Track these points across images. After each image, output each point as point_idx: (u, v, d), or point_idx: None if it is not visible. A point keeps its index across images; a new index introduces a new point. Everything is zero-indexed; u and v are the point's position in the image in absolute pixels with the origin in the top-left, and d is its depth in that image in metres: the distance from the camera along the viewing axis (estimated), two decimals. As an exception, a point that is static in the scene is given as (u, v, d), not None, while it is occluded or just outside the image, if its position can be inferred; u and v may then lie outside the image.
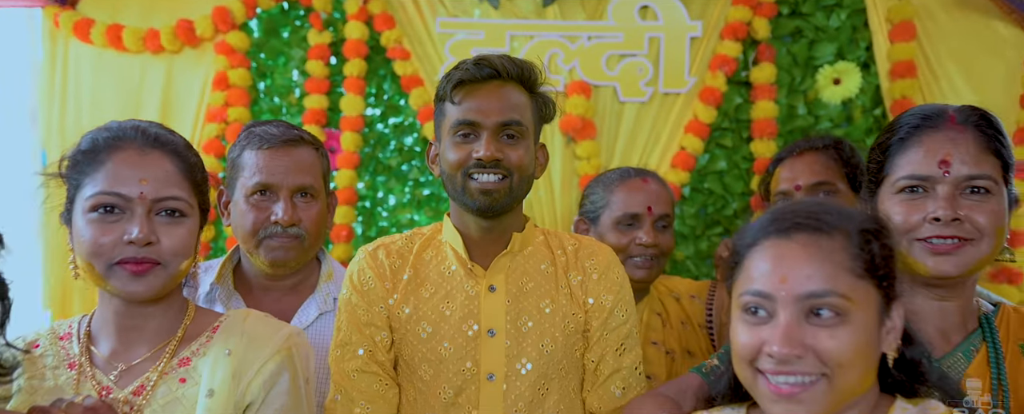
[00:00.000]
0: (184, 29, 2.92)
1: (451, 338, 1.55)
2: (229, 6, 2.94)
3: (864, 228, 1.12)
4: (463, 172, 1.57)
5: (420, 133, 3.02)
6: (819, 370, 1.06)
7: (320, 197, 1.88)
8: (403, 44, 3.03)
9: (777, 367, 1.07)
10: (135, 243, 1.26)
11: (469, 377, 1.55)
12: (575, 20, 2.98)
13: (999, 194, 1.38)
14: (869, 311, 1.09)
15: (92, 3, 2.94)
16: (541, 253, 1.64)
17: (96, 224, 1.28)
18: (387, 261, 1.63)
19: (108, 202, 1.28)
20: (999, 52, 2.77)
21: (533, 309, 1.58)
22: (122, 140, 1.33)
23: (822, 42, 2.92)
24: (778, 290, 1.09)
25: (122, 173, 1.29)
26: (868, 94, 2.87)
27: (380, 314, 1.58)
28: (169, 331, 1.37)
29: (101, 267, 1.28)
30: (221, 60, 2.98)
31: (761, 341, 1.09)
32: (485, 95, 1.59)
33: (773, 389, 1.08)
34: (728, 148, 2.95)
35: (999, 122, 1.44)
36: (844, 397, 1.08)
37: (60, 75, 2.94)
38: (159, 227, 1.30)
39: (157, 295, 1.32)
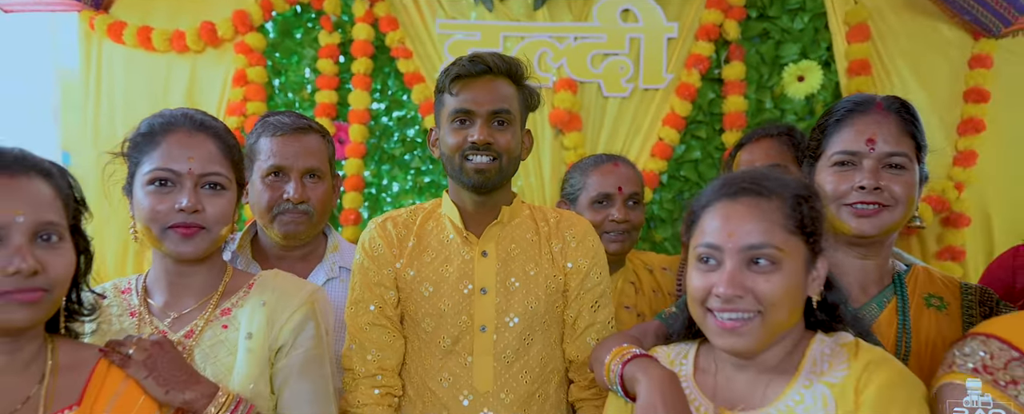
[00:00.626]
0: (207, 30, 3.07)
1: (449, 296, 1.75)
2: (248, 9, 3.10)
3: (797, 194, 1.32)
4: (460, 154, 1.75)
5: (421, 125, 3.17)
6: (756, 308, 1.25)
7: (326, 178, 2.08)
8: (406, 44, 3.16)
9: (723, 305, 1.27)
10: (185, 211, 1.47)
11: (465, 328, 1.74)
12: (563, 22, 3.13)
13: (912, 170, 1.60)
14: (798, 261, 1.29)
15: (124, 7, 3.09)
16: (527, 224, 1.83)
17: (153, 195, 1.49)
18: (394, 231, 1.82)
19: (162, 176, 1.49)
20: (945, 52, 2.93)
21: (520, 271, 1.77)
22: (174, 125, 1.55)
23: (787, 43, 3.08)
24: (726, 242, 1.28)
25: (174, 152, 1.50)
26: (829, 90, 3.03)
27: (388, 276, 1.78)
28: (211, 286, 1.59)
29: (157, 230, 1.49)
30: (240, 59, 3.12)
31: (711, 284, 1.28)
32: (479, 88, 1.76)
33: (719, 324, 1.28)
34: (702, 139, 3.11)
35: (916, 110, 1.66)
36: (775, 331, 1.27)
37: (94, 73, 3.09)
38: (204, 198, 1.50)
39: (202, 255, 1.53)
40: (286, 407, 1.53)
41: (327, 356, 1.63)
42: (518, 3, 3.13)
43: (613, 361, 1.44)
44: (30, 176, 1.23)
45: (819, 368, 1.28)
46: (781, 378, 1.30)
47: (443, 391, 1.74)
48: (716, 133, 3.09)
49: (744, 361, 1.31)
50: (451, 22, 3.15)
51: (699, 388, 1.36)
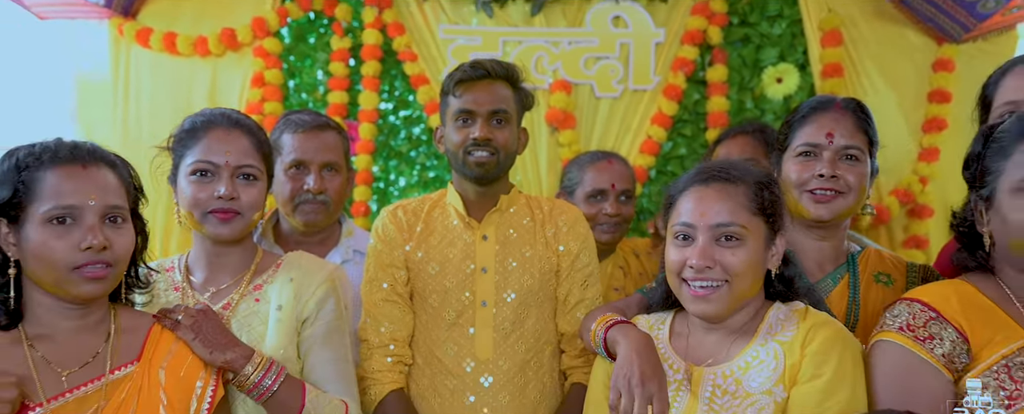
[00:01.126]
0: (228, 36, 3.23)
1: (454, 274, 1.93)
2: (265, 16, 3.25)
3: (759, 181, 1.51)
4: (463, 150, 1.93)
5: (426, 124, 3.34)
6: (723, 277, 1.45)
7: (342, 171, 2.24)
8: (412, 48, 3.33)
9: (696, 275, 1.46)
10: (222, 198, 1.66)
11: (467, 303, 1.93)
12: (558, 28, 3.30)
13: (865, 162, 1.80)
14: (759, 238, 1.48)
15: (150, 14, 3.25)
16: (523, 211, 2.01)
17: (195, 184, 1.68)
18: (404, 217, 2.01)
19: (203, 168, 1.67)
20: (910, 56, 3.13)
21: (516, 253, 1.96)
22: (213, 123, 1.74)
23: (766, 47, 3.27)
24: (698, 221, 1.47)
25: (213, 147, 1.68)
26: (805, 91, 3.21)
27: (399, 257, 1.96)
28: (245, 265, 1.78)
29: (198, 215, 1.69)
30: (258, 62, 3.29)
31: (686, 257, 1.47)
32: (479, 90, 1.94)
33: (692, 293, 1.47)
34: (688, 137, 3.30)
35: (869, 110, 1.86)
36: (739, 298, 1.47)
37: (123, 76, 3.26)
38: (239, 187, 1.68)
39: (237, 238, 1.72)
40: (311, 370, 1.72)
41: (346, 327, 1.81)
42: (516, 10, 3.31)
43: (598, 327, 1.64)
44: (100, 166, 1.42)
45: (774, 330, 1.48)
46: (743, 339, 1.49)
47: (449, 359, 1.92)
48: (701, 131, 3.27)
49: (713, 325, 1.51)
50: (454, 27, 3.33)
51: (673, 349, 1.56)
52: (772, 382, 1.41)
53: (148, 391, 1.42)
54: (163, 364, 1.47)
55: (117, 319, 1.49)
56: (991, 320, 1.34)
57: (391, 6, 3.31)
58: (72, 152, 1.41)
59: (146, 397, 1.41)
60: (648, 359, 1.49)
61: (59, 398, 1.36)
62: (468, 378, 1.92)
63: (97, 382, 1.40)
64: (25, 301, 1.41)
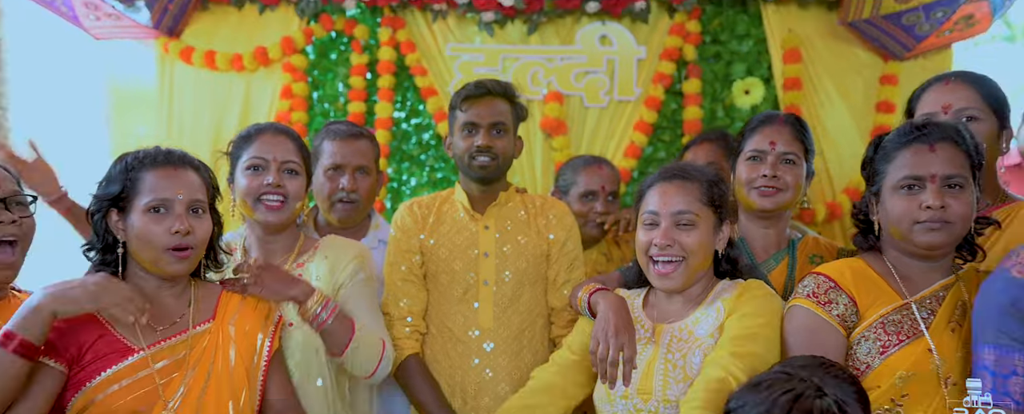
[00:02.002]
0: (260, 53, 3.51)
1: (460, 258, 2.26)
2: (293, 36, 3.52)
3: (710, 180, 1.85)
4: (468, 155, 2.25)
5: (434, 130, 3.61)
6: (681, 255, 1.78)
7: (372, 174, 2.52)
8: (422, 63, 3.58)
9: (659, 253, 1.80)
10: (271, 185, 2.01)
11: (472, 282, 2.25)
12: (551, 45, 3.58)
13: (801, 166, 2.15)
14: (709, 224, 1.82)
15: (192, 34, 3.52)
16: (519, 206, 2.33)
17: (249, 176, 2.02)
18: (419, 211, 2.33)
19: (256, 163, 2.03)
20: (860, 71, 3.41)
21: (513, 240, 2.27)
22: (263, 130, 2.09)
23: (735, 63, 3.53)
24: (662, 209, 1.81)
25: (264, 147, 2.04)
26: (769, 102, 3.49)
27: (415, 244, 2.28)
28: (289, 247, 2.12)
29: (251, 202, 2.02)
30: (286, 76, 3.56)
31: (652, 238, 1.81)
32: (481, 105, 2.25)
33: (657, 271, 1.81)
34: (666, 142, 3.56)
35: (806, 124, 2.22)
36: (694, 273, 1.80)
37: (168, 89, 3.54)
38: (285, 179, 2.03)
39: (284, 224, 2.06)
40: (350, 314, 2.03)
41: (375, 289, 2.16)
42: (515, 30, 3.58)
43: (583, 293, 1.98)
44: (187, 169, 1.76)
45: (719, 296, 1.84)
46: (696, 303, 1.84)
47: (457, 328, 2.24)
48: (677, 137, 3.55)
49: (674, 295, 1.86)
50: (459, 45, 3.60)
51: (645, 314, 1.90)
52: (715, 328, 1.76)
53: (222, 342, 1.77)
54: (232, 320, 1.81)
55: (196, 290, 1.83)
56: (874, 289, 1.70)
57: (404, 26, 3.59)
58: (166, 157, 1.76)
59: (221, 346, 1.77)
60: (622, 316, 1.83)
61: (155, 346, 1.70)
62: (473, 344, 2.23)
63: (183, 335, 1.74)
64: (128, 274, 1.76)
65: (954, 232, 1.64)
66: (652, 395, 1.75)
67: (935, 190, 1.63)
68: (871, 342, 1.65)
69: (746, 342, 1.68)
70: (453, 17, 3.61)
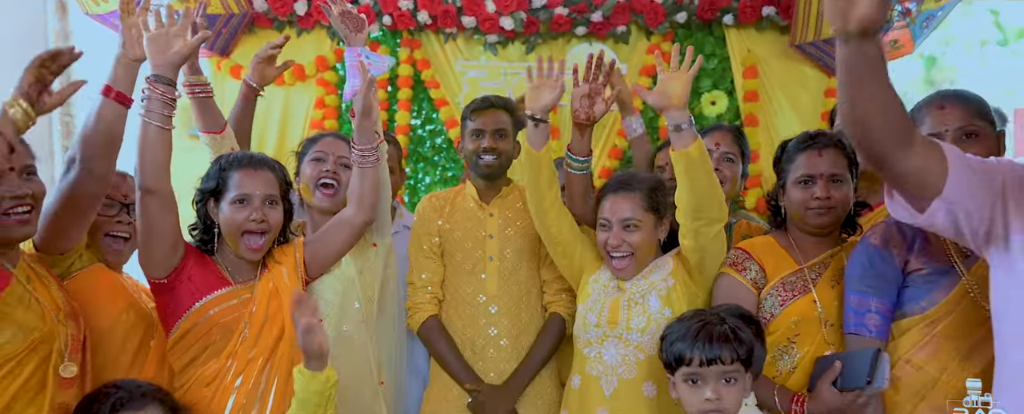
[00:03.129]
0: (297, 70, 3.84)
1: (470, 239, 2.73)
2: (325, 55, 3.91)
3: (651, 187, 2.35)
4: (475, 155, 2.70)
5: (446, 136, 3.98)
6: (630, 251, 2.29)
7: (396, 172, 2.97)
8: (435, 78, 3.94)
9: (613, 250, 2.32)
10: (326, 174, 2.52)
11: (479, 258, 2.71)
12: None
13: (738, 164, 2.68)
14: (650, 225, 2.30)
15: (240, 54, 3.88)
16: (518, 197, 2.80)
17: (312, 166, 2.53)
18: (437, 202, 2.83)
19: (318, 156, 2.53)
20: (807, 85, 3.85)
21: (513, 225, 2.75)
22: (325, 135, 2.64)
23: (703, 78, 3.92)
24: (612, 217, 2.30)
25: (324, 147, 2.56)
26: (731, 111, 3.91)
27: (433, 228, 2.76)
28: None
29: (312, 187, 2.52)
30: (320, 90, 3.92)
31: (606, 238, 2.33)
32: (487, 116, 2.71)
33: (613, 265, 2.33)
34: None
35: (744, 132, 2.76)
36: (643, 262, 2.31)
37: (219, 100, 3.67)
38: (340, 172, 2.53)
39: (336, 207, 2.51)
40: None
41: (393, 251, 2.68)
42: (515, 49, 3.98)
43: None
44: (264, 169, 2.24)
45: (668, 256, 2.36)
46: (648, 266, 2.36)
47: (467, 295, 2.72)
48: (654, 141, 3.83)
49: None
50: (467, 63, 4.01)
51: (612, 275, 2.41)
52: (666, 274, 2.30)
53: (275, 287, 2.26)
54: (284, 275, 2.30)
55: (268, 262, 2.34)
56: (778, 258, 2.23)
57: (420, 47, 3.98)
58: (249, 160, 2.28)
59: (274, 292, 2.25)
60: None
61: (238, 285, 2.22)
62: (480, 307, 2.71)
63: (252, 281, 2.25)
64: (219, 250, 2.25)
65: (837, 215, 2.17)
66: (618, 325, 2.27)
67: (823, 184, 2.15)
68: (774, 297, 2.18)
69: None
70: (462, 38, 4.00)
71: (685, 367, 1.88)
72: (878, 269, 1.98)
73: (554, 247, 2.52)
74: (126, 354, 2.13)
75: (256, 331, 2.19)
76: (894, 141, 1.47)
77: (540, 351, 2.71)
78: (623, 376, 2.31)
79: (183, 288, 2.14)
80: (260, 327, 2.20)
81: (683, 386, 1.90)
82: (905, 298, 1.98)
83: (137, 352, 2.17)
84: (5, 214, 1.82)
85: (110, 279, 2.22)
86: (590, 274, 2.50)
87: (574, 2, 3.91)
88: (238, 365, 2.16)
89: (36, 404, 1.79)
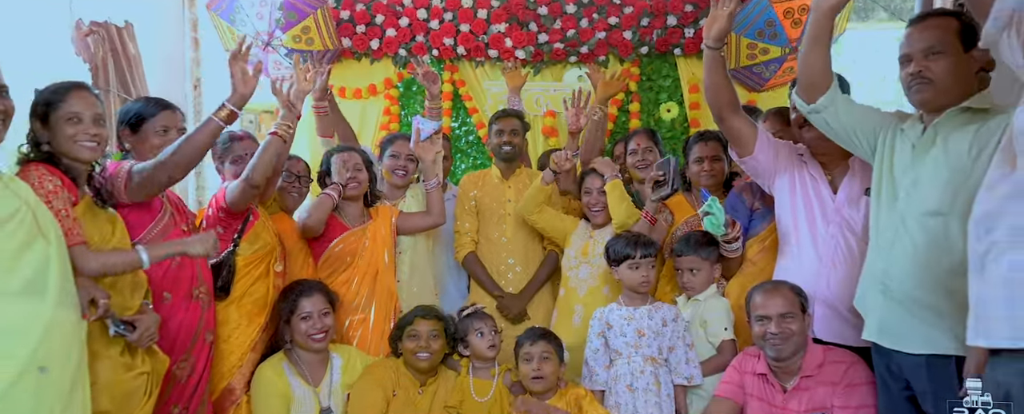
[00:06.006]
0: (371, 88, 5.04)
1: (495, 202, 3.97)
2: (391, 76, 5.07)
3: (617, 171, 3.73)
4: (499, 147, 3.88)
5: (476, 135, 5.10)
6: (603, 208, 3.66)
7: (448, 159, 4.34)
8: (469, 94, 5.07)
9: (593, 208, 3.68)
10: (399, 165, 3.89)
11: (501, 215, 3.87)
12: (548, 82, 5.08)
13: (656, 155, 3.99)
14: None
15: (332, 77, 4.81)
16: (528, 176, 4.09)
17: (390, 160, 3.91)
18: (473, 178, 4.10)
19: (394, 153, 3.87)
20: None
21: (522, 193, 3.93)
22: (398, 137, 3.99)
23: (661, 92, 5.05)
24: (592, 186, 3.68)
25: (397, 148, 3.88)
26: (682, 117, 5.03)
27: (471, 195, 4.01)
28: (402, 194, 4.02)
29: (391, 173, 3.92)
30: (387, 102, 5.05)
31: (589, 201, 3.68)
32: (504, 122, 3.83)
33: (594, 217, 3.68)
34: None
35: (659, 135, 4.05)
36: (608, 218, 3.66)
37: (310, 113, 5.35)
38: (407, 162, 3.90)
39: (405, 184, 3.92)
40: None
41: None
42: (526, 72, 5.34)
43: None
44: (354, 153, 3.62)
45: None
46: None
47: (494, 238, 3.93)
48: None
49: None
50: (491, 82, 5.11)
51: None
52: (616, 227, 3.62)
53: (377, 229, 3.61)
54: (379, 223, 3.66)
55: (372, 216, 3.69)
56: (684, 207, 3.57)
57: (458, 71, 5.10)
58: (346, 148, 3.63)
59: (379, 231, 3.61)
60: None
61: (355, 228, 3.57)
62: (503, 246, 3.87)
63: (362, 226, 3.59)
64: (340, 202, 3.59)
65: (718, 179, 3.48)
66: (588, 255, 3.59)
67: (708, 163, 3.46)
68: (681, 228, 3.48)
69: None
70: (488, 65, 5.11)
71: (628, 260, 3.14)
72: (736, 206, 3.29)
73: (543, 231, 3.77)
74: (299, 264, 3.46)
75: (367, 257, 3.52)
76: (726, 106, 2.84)
77: (542, 273, 3.88)
78: (590, 285, 3.63)
79: (325, 234, 3.48)
80: (369, 255, 3.53)
81: (626, 271, 3.17)
82: (751, 225, 3.27)
83: (303, 264, 3.50)
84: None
85: (291, 222, 3.57)
86: (572, 230, 3.70)
87: (568, 39, 5.09)
88: (357, 276, 3.50)
89: (264, 282, 3.15)
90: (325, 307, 3.10)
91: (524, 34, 5.05)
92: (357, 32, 5.10)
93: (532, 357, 2.97)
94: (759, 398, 2.83)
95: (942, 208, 2.17)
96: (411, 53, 5.10)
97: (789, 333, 2.66)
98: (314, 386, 3.10)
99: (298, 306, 3.05)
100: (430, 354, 3.11)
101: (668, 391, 2.97)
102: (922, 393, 2.23)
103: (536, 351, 2.97)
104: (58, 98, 2.32)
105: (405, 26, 5.11)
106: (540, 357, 2.96)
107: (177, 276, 2.69)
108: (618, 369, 3.03)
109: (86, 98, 2.36)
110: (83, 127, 2.31)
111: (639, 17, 5.06)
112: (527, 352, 3.00)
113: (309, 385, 3.09)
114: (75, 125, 2.31)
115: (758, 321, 2.73)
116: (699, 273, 3.12)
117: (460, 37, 5.09)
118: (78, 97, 2.34)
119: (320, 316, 3.08)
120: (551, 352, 2.98)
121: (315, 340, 3.07)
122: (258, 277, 3.11)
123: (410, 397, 3.10)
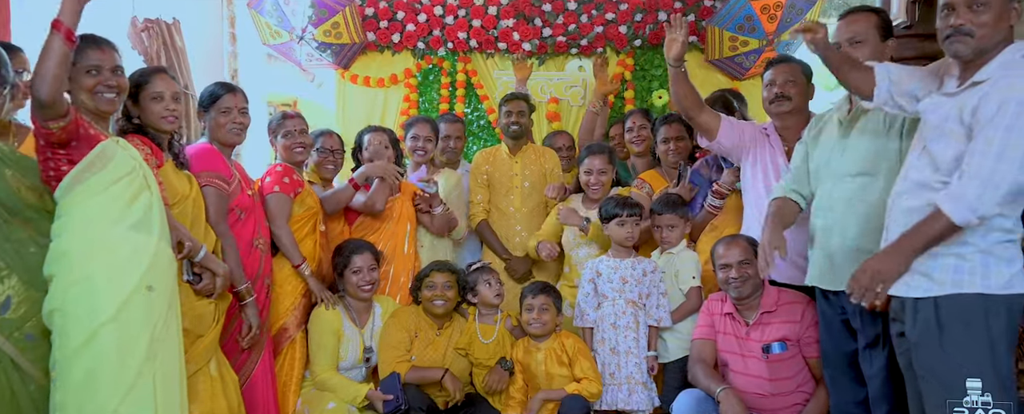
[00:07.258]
0: (392, 77, 5.50)
1: (505, 175, 4.43)
2: (411, 67, 5.52)
3: (611, 150, 4.18)
4: (507, 126, 4.33)
5: (487, 119, 5.66)
6: (602, 186, 4.13)
7: (463, 139, 4.77)
8: (481, 82, 5.54)
9: (593, 185, 4.15)
10: (419, 147, 4.37)
11: (509, 187, 4.34)
12: (551, 71, 5.55)
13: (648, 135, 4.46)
14: (610, 173, 4.16)
15: (357, 67, 5.50)
16: (534, 152, 4.55)
17: (411, 141, 4.38)
18: (484, 155, 4.57)
19: (415, 135, 4.34)
20: (719, 85, 5.24)
21: (530, 167, 4.39)
22: (418, 121, 4.46)
23: (653, 80, 5.51)
24: (592, 167, 4.13)
25: (417, 131, 4.34)
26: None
27: (484, 170, 4.47)
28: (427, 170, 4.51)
29: (411, 153, 4.40)
30: (407, 90, 5.50)
31: (588, 180, 4.16)
32: (512, 104, 4.28)
33: (591, 194, 4.16)
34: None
35: (651, 113, 4.52)
36: (605, 195, 4.14)
37: (343, 99, 5.61)
38: (425, 144, 4.39)
39: (425, 162, 4.42)
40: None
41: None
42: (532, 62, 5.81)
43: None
44: (383, 133, 4.10)
45: None
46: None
47: (504, 208, 4.42)
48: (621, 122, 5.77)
49: None
50: (501, 71, 5.62)
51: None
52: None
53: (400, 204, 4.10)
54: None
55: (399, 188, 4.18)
56: (658, 180, 4.02)
57: (471, 62, 5.60)
58: (375, 129, 4.12)
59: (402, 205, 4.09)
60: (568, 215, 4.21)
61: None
62: (511, 215, 4.33)
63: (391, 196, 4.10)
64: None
65: (683, 155, 3.94)
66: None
67: (673, 143, 3.94)
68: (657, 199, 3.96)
69: None
70: (497, 56, 5.61)
71: (617, 218, 3.62)
72: (696, 179, 3.77)
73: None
74: (339, 228, 3.95)
75: (393, 222, 4.01)
76: (692, 107, 3.32)
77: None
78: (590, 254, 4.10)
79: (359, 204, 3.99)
80: (395, 221, 4.02)
81: (615, 227, 3.64)
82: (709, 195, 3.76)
83: (344, 228, 3.99)
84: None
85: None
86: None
87: (569, 32, 5.58)
88: (385, 238, 3.99)
89: (311, 238, 3.67)
90: (372, 263, 3.57)
91: (530, 28, 5.50)
92: (380, 27, 5.56)
93: (533, 307, 3.43)
94: (727, 333, 3.31)
95: (866, 170, 2.64)
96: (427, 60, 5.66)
97: (747, 276, 3.14)
98: (360, 328, 3.59)
99: (351, 262, 3.52)
100: (445, 302, 3.57)
101: (644, 330, 3.46)
102: (852, 313, 2.70)
103: (537, 302, 3.44)
104: (145, 80, 2.79)
105: (423, 21, 5.57)
106: (540, 308, 3.43)
107: (241, 229, 3.18)
108: (604, 310, 3.51)
109: (167, 80, 2.82)
110: (165, 104, 2.76)
111: (633, 13, 5.50)
112: (529, 303, 3.46)
113: (356, 326, 3.58)
114: (159, 102, 2.77)
115: (721, 268, 3.21)
116: (674, 230, 3.58)
117: (472, 31, 5.55)
118: (161, 79, 2.80)
119: (368, 270, 3.55)
120: (549, 304, 3.44)
121: (364, 290, 3.55)
122: (306, 234, 3.62)
123: (429, 338, 3.59)
